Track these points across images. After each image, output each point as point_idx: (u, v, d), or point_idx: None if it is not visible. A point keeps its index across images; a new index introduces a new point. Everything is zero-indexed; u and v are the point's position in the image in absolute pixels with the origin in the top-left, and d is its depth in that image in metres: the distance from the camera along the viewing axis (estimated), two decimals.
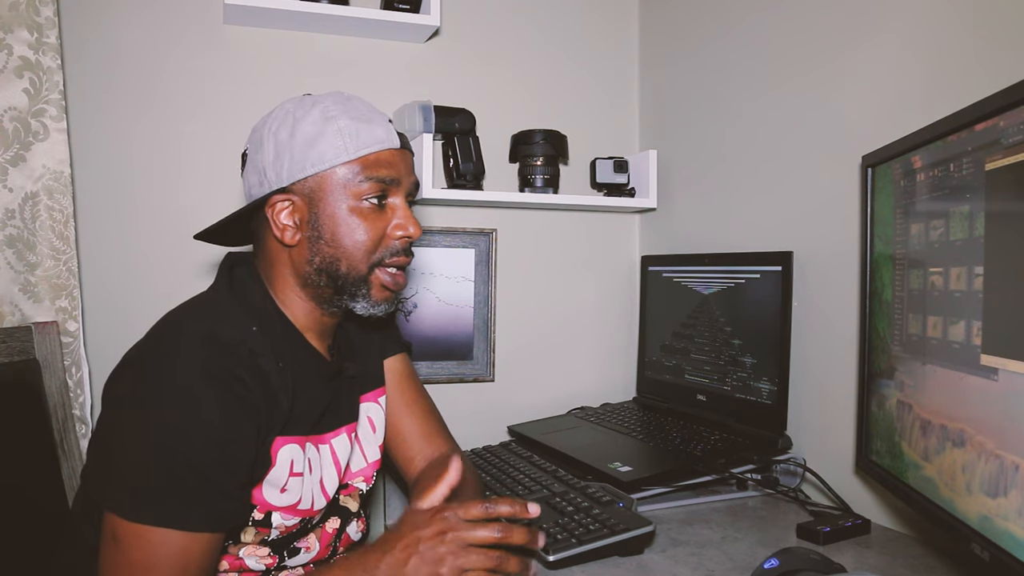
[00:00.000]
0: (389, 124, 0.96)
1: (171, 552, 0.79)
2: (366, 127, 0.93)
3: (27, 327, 1.25)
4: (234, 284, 0.96)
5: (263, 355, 0.89)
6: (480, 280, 1.77)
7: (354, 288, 0.94)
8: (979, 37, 1.03)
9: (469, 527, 0.81)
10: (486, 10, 1.78)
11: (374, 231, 0.93)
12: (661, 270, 1.71)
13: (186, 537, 0.80)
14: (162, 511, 0.79)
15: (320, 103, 0.95)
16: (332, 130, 0.92)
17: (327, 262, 0.93)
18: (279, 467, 0.90)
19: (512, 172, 1.75)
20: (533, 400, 1.78)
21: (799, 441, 1.34)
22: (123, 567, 0.79)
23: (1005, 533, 0.71)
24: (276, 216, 0.94)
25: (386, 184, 0.93)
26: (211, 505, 0.82)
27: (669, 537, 1.09)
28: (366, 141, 0.92)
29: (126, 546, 0.79)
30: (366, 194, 0.92)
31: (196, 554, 0.80)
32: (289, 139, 0.92)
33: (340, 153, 0.91)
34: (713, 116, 1.63)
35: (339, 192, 0.92)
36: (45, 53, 1.31)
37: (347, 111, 0.94)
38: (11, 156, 1.29)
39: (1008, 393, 0.70)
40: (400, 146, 0.96)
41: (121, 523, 0.79)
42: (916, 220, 0.91)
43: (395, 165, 0.94)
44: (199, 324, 0.89)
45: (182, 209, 1.54)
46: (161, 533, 0.78)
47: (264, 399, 0.87)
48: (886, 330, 1.00)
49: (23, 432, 1.20)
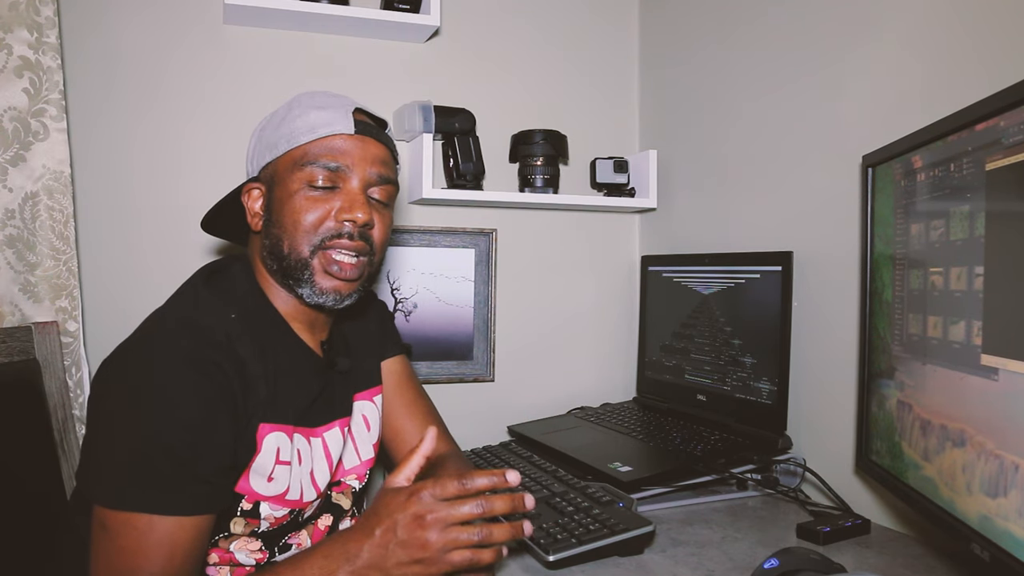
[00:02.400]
0: (349, 113, 0.95)
1: (158, 537, 0.80)
2: (318, 113, 0.94)
3: (27, 327, 1.25)
4: (212, 276, 0.98)
5: (240, 341, 0.90)
6: (480, 280, 1.77)
7: (297, 272, 0.94)
8: (979, 37, 1.03)
9: (447, 506, 0.78)
10: (486, 10, 1.78)
11: (317, 214, 0.93)
12: (661, 270, 1.71)
13: (171, 522, 0.80)
14: (145, 497, 0.80)
15: (296, 97, 0.99)
16: (290, 118, 0.95)
17: (273, 243, 0.95)
18: (264, 454, 0.91)
19: (512, 172, 1.75)
20: (533, 400, 1.78)
21: (799, 441, 1.34)
22: (113, 554, 0.80)
23: (1005, 533, 0.71)
24: (250, 204, 0.99)
25: (331, 169, 0.93)
26: (192, 489, 0.82)
27: (669, 537, 1.09)
28: (314, 125, 0.94)
29: (114, 534, 0.80)
30: (311, 179, 0.93)
31: (183, 538, 0.81)
32: (262, 132, 0.99)
33: (292, 139, 0.94)
34: (713, 116, 1.63)
35: (288, 177, 0.94)
36: (45, 53, 1.31)
37: (310, 100, 0.97)
38: (11, 156, 1.29)
39: (1008, 393, 0.70)
40: (357, 132, 0.95)
41: (108, 513, 0.80)
42: (916, 220, 0.91)
43: (347, 152, 0.94)
44: (176, 312, 0.92)
45: (182, 209, 1.54)
46: (147, 519, 0.79)
47: (240, 385, 0.88)
48: (886, 330, 1.00)
49: (23, 432, 1.20)
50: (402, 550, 0.77)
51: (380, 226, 0.98)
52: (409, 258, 1.71)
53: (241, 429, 0.88)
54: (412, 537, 0.77)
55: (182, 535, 0.81)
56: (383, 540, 0.78)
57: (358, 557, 0.79)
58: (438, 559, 0.78)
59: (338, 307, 0.97)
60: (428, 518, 0.77)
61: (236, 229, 1.06)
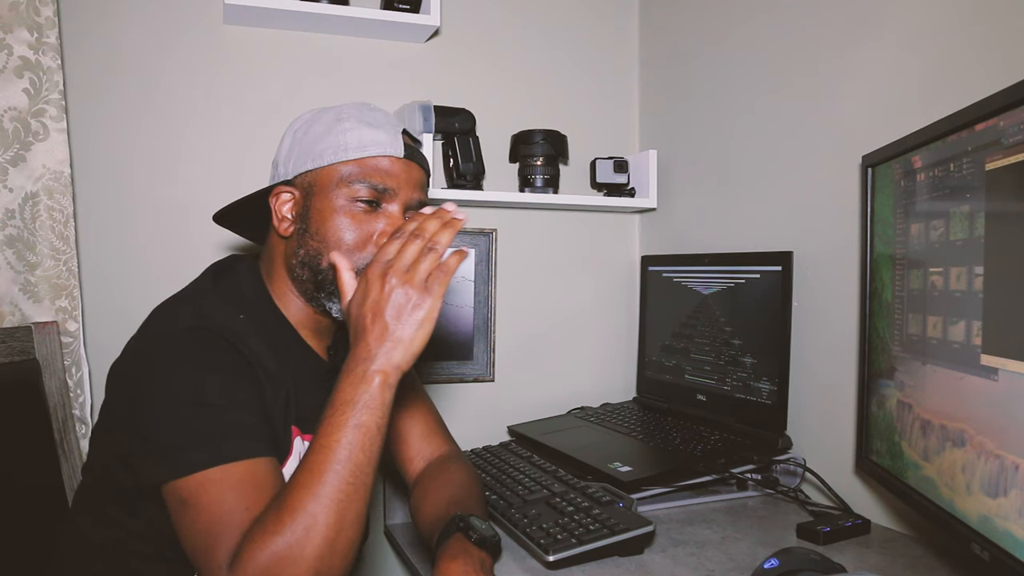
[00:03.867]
0: (399, 134, 0.96)
1: (236, 479, 0.78)
2: (370, 131, 0.94)
3: (27, 327, 1.25)
4: (220, 278, 0.98)
5: (253, 340, 0.90)
6: (480, 280, 1.77)
7: (332, 286, 0.94)
8: (979, 37, 1.03)
9: (398, 254, 0.80)
10: (486, 10, 1.78)
11: (360, 233, 0.93)
12: (661, 270, 1.71)
13: (243, 465, 0.79)
14: (208, 453, 0.78)
15: (342, 108, 0.98)
16: (338, 130, 0.94)
17: (311, 255, 0.94)
18: (294, 459, 0.91)
19: (512, 172, 1.75)
20: (533, 400, 1.78)
21: (799, 441, 1.34)
22: (201, 516, 0.77)
23: (1005, 533, 0.71)
24: (279, 207, 0.97)
25: (378, 191, 0.93)
26: (247, 433, 0.81)
27: (669, 537, 1.09)
28: (365, 144, 0.93)
29: (194, 499, 0.77)
30: (357, 196, 0.93)
31: (261, 475, 0.79)
32: (303, 135, 0.97)
33: (339, 152, 0.93)
34: (713, 116, 1.63)
35: (332, 190, 0.93)
36: (45, 53, 1.31)
37: (360, 115, 0.96)
38: (11, 156, 1.29)
39: (1008, 393, 0.70)
40: (405, 156, 0.95)
41: (180, 485, 0.78)
42: (916, 220, 0.91)
43: (395, 175, 0.94)
44: (188, 306, 0.92)
45: (182, 209, 1.54)
46: (220, 469, 0.78)
47: (264, 376, 0.88)
48: (886, 330, 1.00)
49: (23, 432, 1.20)
50: (394, 315, 0.78)
51: None
52: None
53: (277, 426, 0.88)
54: (388, 297, 0.78)
55: (259, 473, 0.79)
56: (377, 325, 0.79)
57: (369, 352, 0.79)
58: (425, 295, 0.79)
59: None
60: (392, 276, 0.79)
61: (251, 226, 1.06)
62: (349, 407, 0.77)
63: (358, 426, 0.76)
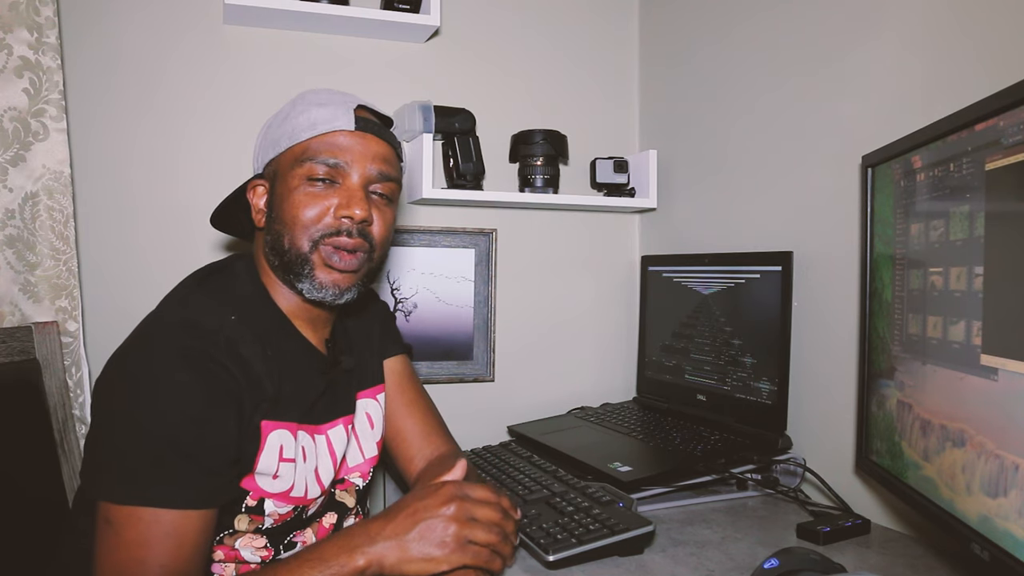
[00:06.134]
0: (351, 110, 0.95)
1: (164, 529, 0.80)
2: (319, 110, 0.95)
3: (27, 327, 1.25)
4: (210, 279, 0.98)
5: (242, 342, 0.90)
6: (480, 280, 1.77)
7: (298, 267, 0.94)
8: (979, 37, 1.03)
9: (475, 503, 0.84)
10: (486, 10, 1.78)
11: (316, 209, 0.93)
12: (661, 270, 1.71)
13: (176, 515, 0.80)
14: (150, 491, 0.80)
15: (300, 95, 1.00)
16: (292, 115, 0.96)
17: (275, 239, 0.95)
18: (268, 452, 0.91)
19: (512, 172, 1.75)
20: (533, 400, 1.78)
21: (799, 441, 1.34)
22: (119, 548, 0.79)
23: (1005, 533, 0.71)
24: (255, 201, 1.00)
25: (330, 166, 0.93)
26: (197, 482, 0.82)
27: (669, 537, 1.09)
28: (315, 122, 0.94)
29: (119, 528, 0.79)
30: (311, 174, 0.93)
31: (188, 531, 0.81)
32: (267, 129, 1.00)
33: (293, 136, 0.95)
34: (713, 116, 1.63)
35: (289, 173, 0.94)
36: (45, 53, 1.31)
37: (313, 98, 0.97)
38: (11, 156, 1.29)
39: (1008, 393, 0.70)
40: (358, 129, 0.95)
41: (112, 508, 0.80)
42: (916, 220, 0.91)
43: (347, 149, 0.94)
44: (176, 313, 0.92)
45: (182, 209, 1.54)
46: (152, 512, 0.79)
47: (246, 382, 0.88)
48: (886, 330, 1.00)
49: (23, 432, 1.20)
50: (424, 532, 0.81)
51: (380, 223, 0.97)
52: (409, 258, 1.71)
53: (245, 426, 0.88)
54: (436, 521, 0.81)
55: (188, 528, 0.81)
56: (407, 523, 0.82)
57: (379, 535, 0.81)
58: (456, 548, 0.81)
59: (338, 302, 0.97)
60: (455, 505, 0.82)
61: (243, 226, 1.07)
62: (321, 565, 0.80)
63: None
